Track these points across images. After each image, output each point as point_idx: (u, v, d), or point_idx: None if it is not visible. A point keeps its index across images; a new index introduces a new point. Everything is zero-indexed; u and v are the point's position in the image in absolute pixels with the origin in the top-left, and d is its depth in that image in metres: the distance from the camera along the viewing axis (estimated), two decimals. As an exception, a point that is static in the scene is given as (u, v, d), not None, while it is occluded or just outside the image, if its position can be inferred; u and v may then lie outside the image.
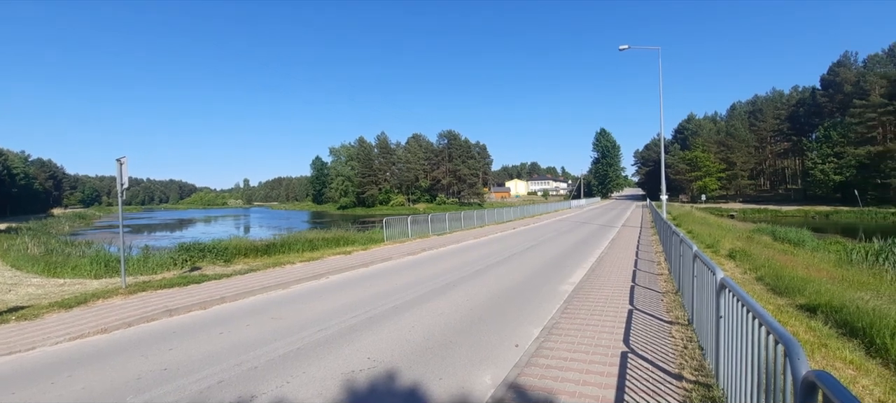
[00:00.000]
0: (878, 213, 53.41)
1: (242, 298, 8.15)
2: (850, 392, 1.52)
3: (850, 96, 66.74)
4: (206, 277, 9.88)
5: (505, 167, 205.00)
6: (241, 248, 13.87)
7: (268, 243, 15.35)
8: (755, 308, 2.66)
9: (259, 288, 8.83)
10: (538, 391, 3.88)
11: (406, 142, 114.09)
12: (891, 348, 5.50)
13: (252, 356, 5.07)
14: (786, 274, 10.04)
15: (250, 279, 9.83)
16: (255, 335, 5.91)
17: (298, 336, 5.76)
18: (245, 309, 7.38)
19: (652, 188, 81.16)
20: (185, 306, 7.29)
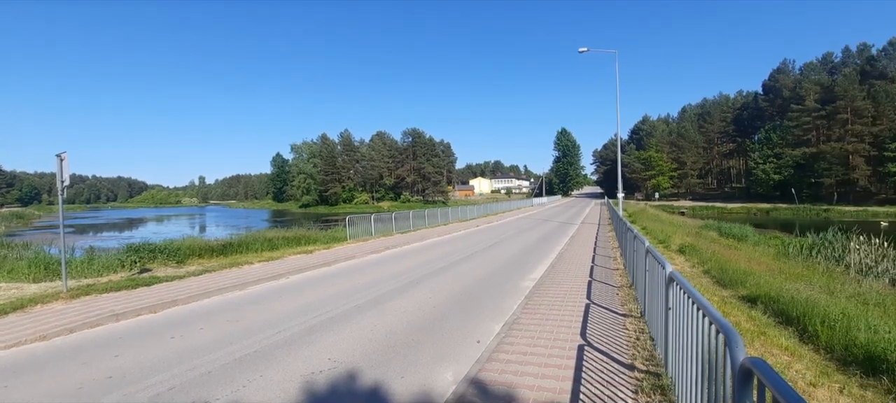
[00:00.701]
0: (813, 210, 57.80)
1: (196, 300, 7.82)
2: (780, 377, 1.64)
3: (788, 101, 71.77)
4: (156, 279, 9.40)
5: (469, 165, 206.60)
6: (195, 248, 13.28)
7: (224, 243, 14.77)
8: (699, 299, 2.81)
9: (214, 289, 8.49)
10: (498, 385, 3.95)
11: (370, 139, 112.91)
12: (821, 334, 5.97)
13: (206, 360, 4.88)
14: (730, 267, 10.69)
15: (205, 280, 9.43)
16: (209, 338, 5.68)
17: (256, 339, 5.59)
18: (199, 312, 7.08)
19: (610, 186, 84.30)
20: (133, 310, 6.91)
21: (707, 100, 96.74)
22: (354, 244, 16.26)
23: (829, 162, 63.92)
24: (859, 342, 5.44)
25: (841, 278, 11.14)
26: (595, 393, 3.74)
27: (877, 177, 61.35)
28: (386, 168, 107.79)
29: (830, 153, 63.90)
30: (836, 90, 64.79)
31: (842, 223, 32.44)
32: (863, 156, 62.30)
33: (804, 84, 70.92)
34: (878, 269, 13.05)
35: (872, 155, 61.47)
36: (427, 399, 3.87)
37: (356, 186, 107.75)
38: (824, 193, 64.89)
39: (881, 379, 4.76)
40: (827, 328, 5.95)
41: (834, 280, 10.49)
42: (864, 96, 63.05)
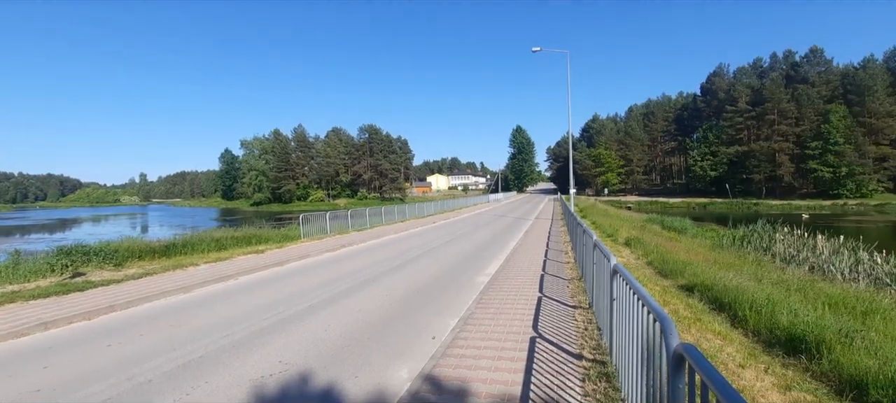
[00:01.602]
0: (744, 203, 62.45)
1: (136, 305, 7.35)
2: (707, 361, 1.77)
3: (723, 102, 77.03)
4: (91, 284, 8.74)
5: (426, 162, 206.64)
6: (134, 250, 12.43)
7: (168, 244, 13.90)
8: (639, 290, 2.97)
9: (156, 293, 8.01)
10: (453, 380, 4.00)
11: (326, 135, 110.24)
12: (749, 319, 6.47)
13: (146, 368, 4.60)
14: (670, 258, 11.35)
15: (146, 284, 8.88)
16: (150, 345, 5.36)
17: (201, 344, 5.33)
18: (139, 318, 6.66)
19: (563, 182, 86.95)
20: (65, 317, 6.39)
21: (651, 101, 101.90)
22: (309, 242, 15.85)
23: (759, 159, 69.41)
24: (782, 325, 5.95)
25: (768, 266, 12.11)
26: (545, 383, 3.87)
27: (799, 174, 67.18)
28: (342, 165, 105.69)
29: (760, 151, 69.37)
30: (765, 93, 70.32)
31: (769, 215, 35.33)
32: (787, 154, 68.00)
33: (737, 87, 76.33)
34: (800, 258, 14.31)
35: (796, 153, 67.25)
36: (381, 397, 3.85)
37: (311, 183, 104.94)
38: (754, 188, 70.37)
39: (800, 358, 5.23)
40: (754, 313, 6.46)
41: (761, 268, 11.40)
42: (788, 99, 68.78)
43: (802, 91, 67.82)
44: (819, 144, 63.44)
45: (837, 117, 62.55)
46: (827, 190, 63.15)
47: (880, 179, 62.62)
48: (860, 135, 62.08)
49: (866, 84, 64.03)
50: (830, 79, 69.75)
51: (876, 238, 18.13)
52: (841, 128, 62.02)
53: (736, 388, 3.87)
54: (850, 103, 64.71)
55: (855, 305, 7.41)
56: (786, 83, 71.74)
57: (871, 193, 61.52)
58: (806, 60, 74.45)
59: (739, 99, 74.08)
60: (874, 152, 61.94)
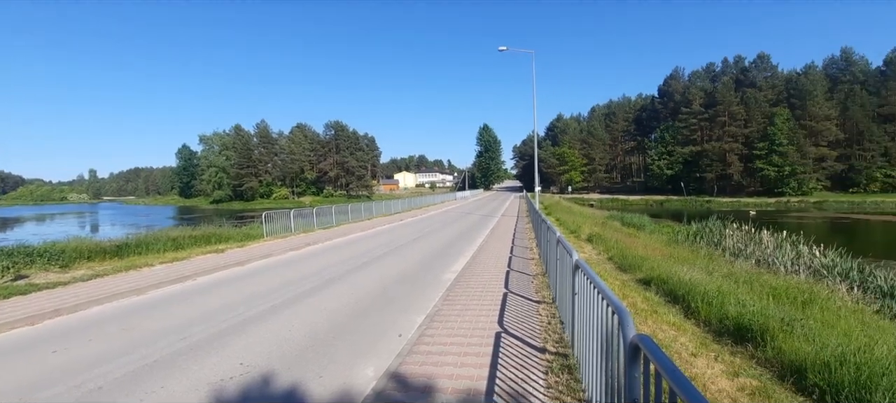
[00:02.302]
0: (698, 201, 65.58)
1: (85, 309, 6.93)
2: (661, 351, 1.86)
3: (679, 104, 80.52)
4: (35, 287, 8.18)
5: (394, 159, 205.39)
6: (83, 251, 11.71)
7: (120, 243, 13.17)
8: (599, 284, 3.08)
9: (107, 295, 7.59)
10: (419, 377, 4.01)
11: (290, 131, 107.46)
12: (701, 310, 6.81)
13: (96, 374, 4.36)
14: (629, 253, 11.79)
15: (96, 286, 8.39)
16: (100, 350, 5.08)
17: (156, 347, 5.10)
18: (88, 322, 6.29)
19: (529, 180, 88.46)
20: (5, 323, 5.96)
21: (613, 102, 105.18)
22: (272, 241, 15.42)
23: (711, 159, 73.11)
24: (730, 315, 6.30)
25: (718, 260, 12.79)
26: (509, 377, 3.94)
27: (748, 173, 71.15)
28: (307, 161, 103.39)
29: (712, 151, 73.06)
30: (717, 96, 74.06)
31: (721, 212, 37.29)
32: (737, 154, 71.91)
33: (692, 90, 79.98)
34: (747, 252, 15.19)
35: (744, 153, 71.22)
36: (346, 397, 3.82)
37: (275, 180, 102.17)
38: (707, 186, 74.08)
39: (747, 346, 5.56)
40: (705, 304, 6.81)
41: (713, 262, 12.03)
42: (738, 102, 72.74)
43: (750, 95, 71.90)
44: (765, 145, 67.46)
45: (781, 120, 66.72)
46: (772, 188, 67.27)
47: (819, 178, 67.29)
48: (802, 136, 66.42)
49: (807, 89, 68.65)
50: (776, 84, 74.35)
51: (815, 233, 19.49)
52: (785, 130, 66.18)
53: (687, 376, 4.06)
54: (792, 107, 69.11)
55: (796, 295, 7.94)
56: (736, 87, 75.77)
57: (811, 191, 66.02)
58: (754, 66, 78.89)
59: (694, 101, 77.69)
60: (814, 153, 66.43)
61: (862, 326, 6.60)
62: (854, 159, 66.23)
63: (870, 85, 69.19)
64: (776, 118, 67.05)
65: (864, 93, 67.59)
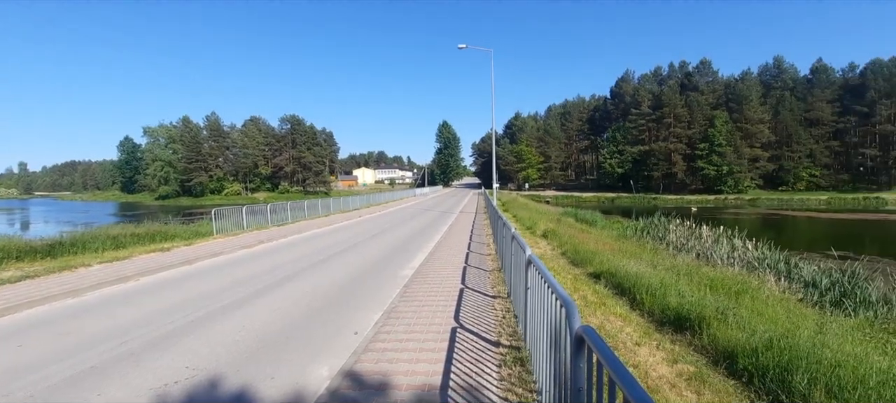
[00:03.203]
0: (646, 198, 68.93)
1: (13, 313, 6.37)
2: (603, 341, 1.96)
3: (629, 105, 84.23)
4: (-56, 291, 7.42)
5: (352, 155, 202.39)
6: (11, 250, 10.72)
7: (53, 242, 12.15)
8: (548, 278, 3.19)
9: (39, 298, 7.02)
10: (374, 374, 4.00)
11: (243, 125, 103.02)
12: (645, 302, 7.20)
13: (27, 382, 4.03)
14: (582, 248, 12.25)
15: (26, 288, 7.73)
16: (32, 357, 4.70)
17: (94, 352, 4.78)
18: (17, 326, 5.79)
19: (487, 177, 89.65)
20: None
21: (568, 101, 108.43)
22: (223, 239, 14.78)
23: (658, 158, 77.05)
24: (672, 306, 6.70)
25: (662, 254, 13.52)
26: (464, 371, 4.01)
27: (690, 171, 75.52)
28: (262, 156, 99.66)
29: (659, 151, 76.99)
30: (663, 99, 78.09)
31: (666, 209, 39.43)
32: (681, 154, 76.17)
33: (640, 92, 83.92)
34: (689, 246, 16.15)
35: (687, 153, 75.56)
36: (299, 397, 3.74)
37: (226, 176, 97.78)
38: (654, 184, 78.04)
39: (686, 334, 5.95)
40: (649, 296, 7.21)
41: (657, 256, 12.70)
42: (682, 105, 76.98)
43: (693, 98, 76.33)
44: (706, 146, 71.91)
45: (721, 122, 71.37)
46: (712, 186, 71.84)
47: (753, 177, 72.51)
48: (738, 138, 71.32)
49: (744, 94, 73.77)
50: (716, 88, 79.34)
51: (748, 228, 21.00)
52: (723, 132, 70.84)
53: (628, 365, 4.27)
54: (731, 110, 74.01)
55: (730, 286, 8.53)
56: (681, 90, 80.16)
57: (746, 189, 71.08)
58: (697, 71, 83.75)
59: (642, 103, 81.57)
60: (749, 153, 71.48)
61: (787, 314, 7.20)
62: (783, 160, 71.86)
63: (798, 91, 75.20)
64: (716, 120, 71.63)
65: (793, 98, 73.42)
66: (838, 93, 72.79)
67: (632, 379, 1.56)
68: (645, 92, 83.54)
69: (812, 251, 18.32)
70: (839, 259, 14.01)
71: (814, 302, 9.50)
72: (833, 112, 72.00)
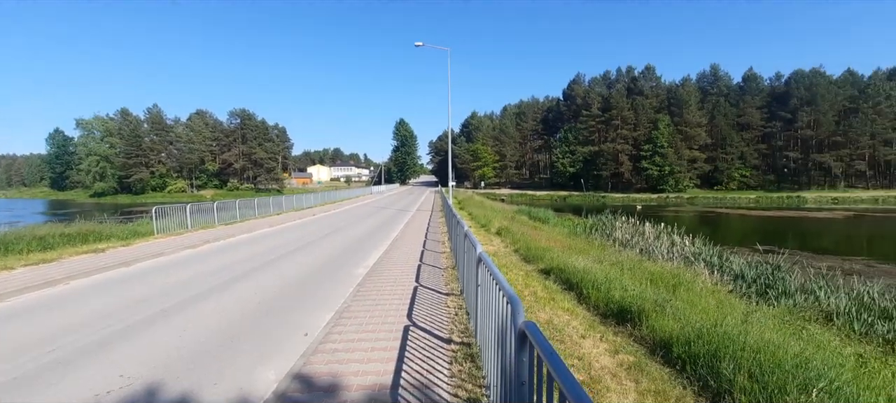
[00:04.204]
0: (595, 196, 71.82)
1: None
2: (544, 336, 2.05)
3: (580, 107, 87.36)
4: None
5: (307, 152, 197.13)
6: None
7: (-36, 244, 11.02)
8: (496, 275, 3.28)
9: (-60, 307, 6.35)
10: (324, 376, 3.95)
11: (188, 118, 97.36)
12: (591, 296, 7.54)
13: (-77, 403, 3.65)
14: (534, 245, 12.61)
15: (-78, 297, 6.95)
16: (-72, 374, 4.24)
17: (17, 363, 4.40)
18: None
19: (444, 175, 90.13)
20: None
21: (523, 102, 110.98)
22: (164, 239, 13.96)
23: (606, 158, 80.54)
24: (615, 299, 7.05)
25: (609, 250, 14.16)
26: (416, 369, 4.05)
27: (636, 171, 79.49)
28: (209, 152, 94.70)
29: (607, 151, 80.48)
30: (612, 101, 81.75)
31: (613, 207, 41.29)
32: (627, 154, 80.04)
33: (591, 94, 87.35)
34: (633, 242, 17.03)
35: (633, 154, 79.48)
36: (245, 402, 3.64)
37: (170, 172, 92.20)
38: (603, 183, 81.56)
39: (627, 326, 6.28)
40: (595, 290, 7.55)
41: (604, 252, 13.30)
42: (629, 108, 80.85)
43: (639, 102, 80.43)
44: (650, 147, 75.95)
45: (663, 125, 75.63)
46: (655, 185, 75.99)
47: (692, 177, 77.39)
48: (679, 140, 75.88)
49: (684, 99, 78.58)
50: (659, 93, 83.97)
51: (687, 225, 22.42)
52: (666, 135, 75.10)
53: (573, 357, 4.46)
54: (672, 114, 78.59)
55: (669, 279, 9.09)
56: (627, 94, 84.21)
57: (686, 188, 75.76)
58: (642, 76, 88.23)
59: (593, 105, 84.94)
60: (688, 155, 76.23)
61: (717, 304, 7.77)
62: (718, 161, 77.22)
63: (731, 98, 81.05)
64: (659, 123, 75.85)
65: (727, 104, 79.06)
66: (766, 100, 79.15)
67: (568, 373, 1.65)
68: (595, 94, 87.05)
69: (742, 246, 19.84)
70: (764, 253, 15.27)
71: (742, 293, 10.30)
72: (761, 117, 78.13)
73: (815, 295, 9.75)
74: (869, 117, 71.13)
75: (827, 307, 8.97)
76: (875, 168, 74.85)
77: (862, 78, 77.37)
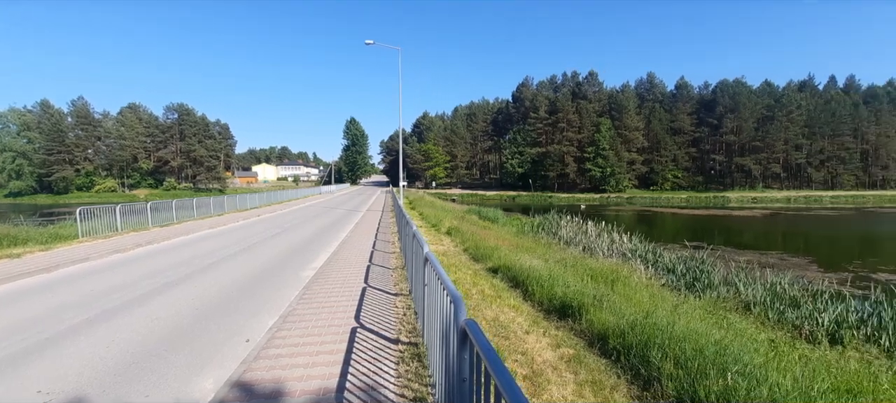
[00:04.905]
0: (542, 196, 74.30)
1: None
2: (483, 334, 2.14)
3: (528, 110, 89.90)
4: None
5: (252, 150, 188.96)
6: None
7: None
8: (441, 275, 3.35)
9: None
10: (266, 382, 3.85)
11: (119, 112, 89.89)
12: (536, 293, 7.83)
13: None
14: (483, 245, 12.87)
15: None
16: None
17: None
18: None
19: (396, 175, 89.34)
20: None
21: (473, 103, 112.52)
22: (91, 242, 12.85)
23: (553, 159, 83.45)
24: (558, 295, 7.37)
25: (554, 248, 14.74)
26: (362, 371, 4.04)
27: (580, 172, 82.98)
28: (142, 149, 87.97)
29: (554, 153, 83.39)
30: (558, 105, 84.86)
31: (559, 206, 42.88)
32: (572, 156, 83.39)
33: (538, 97, 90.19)
34: (577, 240, 17.80)
35: (578, 155, 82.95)
36: (180, 413, 3.48)
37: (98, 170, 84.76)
38: (549, 183, 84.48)
39: (568, 321, 6.58)
40: (539, 287, 7.85)
41: (549, 250, 13.82)
42: (574, 111, 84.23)
43: (583, 105, 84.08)
44: (593, 149, 79.62)
45: (605, 128, 79.54)
46: (598, 186, 79.78)
47: (630, 178, 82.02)
48: (619, 143, 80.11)
49: (623, 104, 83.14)
50: (601, 98, 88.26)
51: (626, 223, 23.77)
52: (607, 138, 79.03)
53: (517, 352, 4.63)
54: (613, 118, 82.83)
55: (607, 275, 9.61)
56: (572, 98, 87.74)
57: (625, 188, 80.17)
58: (586, 81, 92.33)
59: (540, 108, 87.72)
60: (627, 157, 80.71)
61: (650, 297, 8.33)
62: (654, 163, 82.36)
63: (665, 104, 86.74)
64: (601, 127, 79.71)
65: (661, 110, 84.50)
66: (696, 107, 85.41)
67: (504, 370, 1.74)
68: (542, 97, 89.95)
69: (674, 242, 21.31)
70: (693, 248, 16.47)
71: (673, 287, 11.09)
72: (691, 123, 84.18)
73: (736, 287, 10.68)
74: (783, 124, 78.73)
75: (746, 297, 9.86)
76: (788, 170, 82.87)
77: (777, 88, 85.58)
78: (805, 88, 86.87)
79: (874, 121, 79.72)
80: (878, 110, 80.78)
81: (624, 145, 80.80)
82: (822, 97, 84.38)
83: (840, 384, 4.94)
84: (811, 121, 79.41)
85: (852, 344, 7.54)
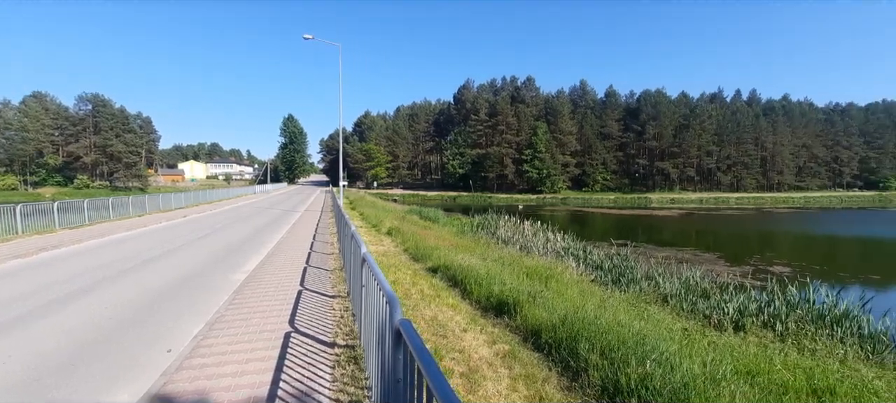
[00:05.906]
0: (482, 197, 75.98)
1: None
2: (416, 334, 2.17)
3: (469, 112, 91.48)
4: None
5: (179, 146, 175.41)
6: None
7: None
8: (378, 275, 3.35)
9: None
10: (188, 395, 3.61)
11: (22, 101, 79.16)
12: (474, 291, 8.00)
13: None
14: (423, 244, 12.92)
15: None
16: None
17: None
18: None
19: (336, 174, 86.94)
20: None
21: (416, 104, 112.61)
22: (-28, 248, 11.28)
23: (492, 161, 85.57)
24: (495, 293, 7.58)
25: (493, 247, 15.12)
26: (295, 377, 3.92)
27: (518, 174, 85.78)
28: (49, 142, 78.18)
29: (493, 154, 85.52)
30: (497, 108, 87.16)
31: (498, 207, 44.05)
32: (511, 158, 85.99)
33: (479, 100, 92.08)
34: (514, 239, 18.39)
35: (516, 157, 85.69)
36: (89, 432, 3.17)
37: (-5, 165, 74.35)
38: (489, 184, 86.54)
39: (504, 318, 6.80)
40: (477, 286, 8.03)
41: (488, 249, 14.16)
42: (513, 114, 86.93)
43: (521, 109, 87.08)
44: (530, 151, 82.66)
45: (542, 131, 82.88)
46: (534, 187, 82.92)
47: (565, 180, 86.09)
48: (554, 146, 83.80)
49: (558, 109, 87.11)
50: (538, 102, 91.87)
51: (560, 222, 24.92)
52: (544, 141, 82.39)
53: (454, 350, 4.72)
54: (549, 122, 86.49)
55: (542, 273, 10.02)
56: (511, 101, 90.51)
57: (560, 190, 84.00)
58: (524, 86, 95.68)
59: (480, 110, 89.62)
60: (562, 160, 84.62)
61: (580, 293, 8.79)
62: (586, 166, 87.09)
63: (596, 110, 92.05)
64: (538, 130, 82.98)
65: (592, 116, 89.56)
66: (622, 113, 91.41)
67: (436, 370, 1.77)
68: (483, 100, 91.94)
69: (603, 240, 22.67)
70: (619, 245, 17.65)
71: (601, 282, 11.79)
72: (619, 128, 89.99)
73: (655, 281, 11.57)
74: (697, 132, 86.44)
75: (664, 291, 10.73)
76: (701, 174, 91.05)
77: (692, 99, 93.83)
78: (715, 100, 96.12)
79: (772, 131, 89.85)
80: (774, 121, 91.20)
81: (559, 148, 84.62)
82: (729, 108, 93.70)
83: (741, 367, 5.52)
84: (720, 129, 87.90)
85: (752, 330, 8.46)
